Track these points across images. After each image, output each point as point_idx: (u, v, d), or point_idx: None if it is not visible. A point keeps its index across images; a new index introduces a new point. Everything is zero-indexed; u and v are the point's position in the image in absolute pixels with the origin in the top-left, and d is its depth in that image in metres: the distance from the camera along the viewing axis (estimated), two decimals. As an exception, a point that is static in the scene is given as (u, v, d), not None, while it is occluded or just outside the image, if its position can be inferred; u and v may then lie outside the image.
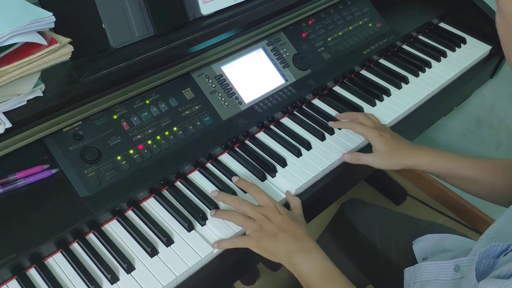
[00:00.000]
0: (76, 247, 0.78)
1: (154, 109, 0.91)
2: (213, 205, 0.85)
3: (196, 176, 0.91)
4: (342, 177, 0.98)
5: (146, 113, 0.89)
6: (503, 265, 0.59)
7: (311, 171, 0.94)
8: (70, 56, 0.74)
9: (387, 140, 0.96)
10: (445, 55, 1.30)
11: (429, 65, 1.25)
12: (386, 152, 0.95)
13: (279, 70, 1.08)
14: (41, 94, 0.76)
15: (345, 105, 1.10)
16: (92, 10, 0.87)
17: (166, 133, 0.90)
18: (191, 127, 0.92)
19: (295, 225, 0.80)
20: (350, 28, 1.22)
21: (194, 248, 0.79)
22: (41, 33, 0.71)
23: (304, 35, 1.14)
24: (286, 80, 1.07)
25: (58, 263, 0.75)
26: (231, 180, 0.90)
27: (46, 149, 0.81)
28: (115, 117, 0.87)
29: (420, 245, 0.94)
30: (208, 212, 0.85)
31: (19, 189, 0.77)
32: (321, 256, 0.77)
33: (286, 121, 1.05)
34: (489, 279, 0.56)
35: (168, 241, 0.79)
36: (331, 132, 1.03)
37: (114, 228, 0.81)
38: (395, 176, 1.96)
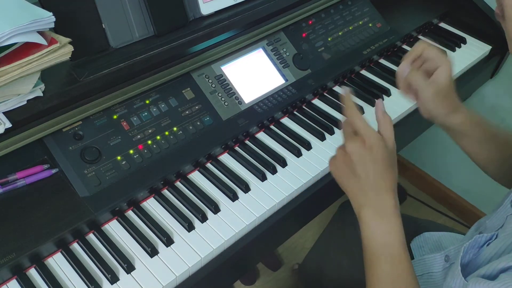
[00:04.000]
0: (76, 247, 0.78)
1: (154, 109, 0.91)
2: (213, 206, 0.85)
3: (196, 176, 0.91)
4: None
5: (146, 113, 0.89)
6: (488, 258, 0.60)
7: (311, 171, 0.94)
8: (70, 56, 0.75)
9: (452, 79, 0.80)
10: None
11: (429, 65, 1.25)
12: (444, 90, 0.78)
13: (279, 70, 1.08)
14: (41, 94, 0.76)
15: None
16: (92, 10, 0.87)
17: (166, 133, 0.90)
18: (191, 127, 0.92)
19: (385, 171, 0.66)
20: (350, 28, 1.22)
21: (194, 248, 0.79)
22: (41, 33, 0.71)
23: (304, 35, 1.14)
24: (286, 80, 1.07)
25: (58, 263, 0.75)
26: (231, 180, 0.90)
27: (46, 149, 0.81)
28: (115, 117, 0.87)
29: (418, 243, 0.94)
30: (208, 212, 0.85)
31: (19, 189, 0.77)
32: (392, 226, 0.65)
33: (286, 121, 1.05)
34: (476, 278, 0.56)
35: (168, 241, 0.79)
36: (331, 132, 1.03)
37: (114, 228, 0.81)
38: (395, 176, 1.96)
